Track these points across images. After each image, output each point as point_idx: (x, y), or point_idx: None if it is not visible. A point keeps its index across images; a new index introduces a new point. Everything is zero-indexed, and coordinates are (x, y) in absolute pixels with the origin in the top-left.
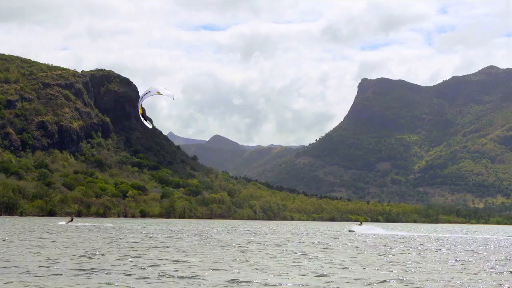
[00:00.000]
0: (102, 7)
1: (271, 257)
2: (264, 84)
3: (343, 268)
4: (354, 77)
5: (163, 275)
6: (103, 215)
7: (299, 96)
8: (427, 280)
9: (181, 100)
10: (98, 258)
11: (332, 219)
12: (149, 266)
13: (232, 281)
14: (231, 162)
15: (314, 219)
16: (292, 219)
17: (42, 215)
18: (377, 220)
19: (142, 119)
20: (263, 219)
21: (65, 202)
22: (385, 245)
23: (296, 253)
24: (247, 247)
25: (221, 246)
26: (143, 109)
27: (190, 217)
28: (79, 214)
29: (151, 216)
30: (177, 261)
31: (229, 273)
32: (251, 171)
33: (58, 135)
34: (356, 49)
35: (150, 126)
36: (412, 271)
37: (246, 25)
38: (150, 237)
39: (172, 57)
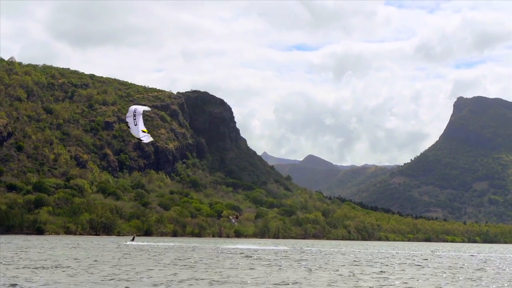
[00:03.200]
0: (195, 29)
1: None
2: (356, 104)
3: None
4: (448, 95)
5: None
6: (198, 235)
7: (392, 115)
8: None
9: (273, 120)
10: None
11: (428, 239)
12: None
13: None
14: (325, 182)
15: (409, 240)
16: (387, 239)
17: (139, 235)
18: (474, 241)
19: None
20: (357, 239)
21: (161, 222)
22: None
23: None
24: None
25: None
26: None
27: (284, 237)
28: (174, 234)
29: (245, 236)
30: None
31: None
32: (345, 191)
33: (154, 156)
34: (450, 67)
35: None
36: None
37: (338, 45)
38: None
39: (264, 78)
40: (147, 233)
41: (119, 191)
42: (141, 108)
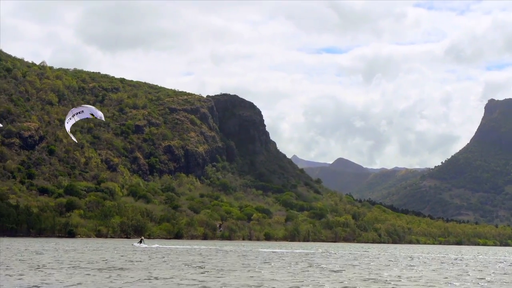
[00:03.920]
0: (224, 32)
1: None
2: (386, 106)
3: None
4: (479, 97)
5: None
6: (228, 238)
7: (422, 118)
8: None
9: (302, 123)
10: None
11: (459, 243)
12: None
13: None
14: (355, 185)
15: (440, 243)
16: (418, 242)
17: (169, 238)
18: (506, 244)
19: (71, 134)
20: (388, 242)
21: (191, 225)
22: None
23: None
24: None
25: None
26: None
27: (314, 240)
28: (205, 237)
29: (276, 239)
30: None
31: None
32: (376, 194)
33: (184, 159)
34: (481, 69)
35: (75, 139)
36: None
37: (368, 47)
38: None
39: (294, 80)
40: (178, 236)
41: (150, 194)
42: (88, 112)
